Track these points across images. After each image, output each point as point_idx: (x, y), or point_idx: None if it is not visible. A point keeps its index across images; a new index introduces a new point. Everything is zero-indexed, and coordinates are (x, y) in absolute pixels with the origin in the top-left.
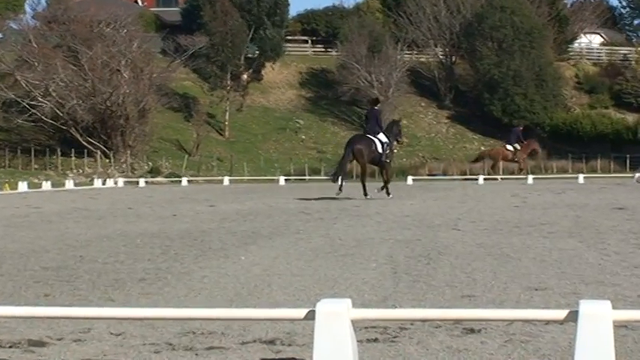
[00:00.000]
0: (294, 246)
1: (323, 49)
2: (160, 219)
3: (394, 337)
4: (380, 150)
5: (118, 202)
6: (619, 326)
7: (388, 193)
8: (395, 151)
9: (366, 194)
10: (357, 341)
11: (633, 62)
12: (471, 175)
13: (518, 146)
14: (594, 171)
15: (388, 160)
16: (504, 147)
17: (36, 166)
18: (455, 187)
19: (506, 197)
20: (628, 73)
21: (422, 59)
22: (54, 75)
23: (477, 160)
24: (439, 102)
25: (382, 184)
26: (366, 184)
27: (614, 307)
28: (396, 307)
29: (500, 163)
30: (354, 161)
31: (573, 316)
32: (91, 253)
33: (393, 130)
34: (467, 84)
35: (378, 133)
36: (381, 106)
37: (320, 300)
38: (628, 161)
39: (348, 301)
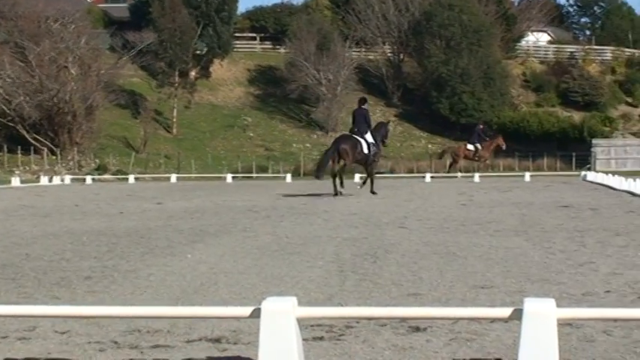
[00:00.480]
0: (241, 244)
1: (271, 47)
2: (106, 216)
3: (340, 336)
4: (366, 150)
5: (65, 200)
6: (563, 324)
7: (373, 191)
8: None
9: (336, 194)
10: (303, 339)
11: (580, 60)
12: (418, 173)
13: (479, 145)
14: (541, 169)
15: (375, 160)
16: (465, 146)
17: None
18: (402, 185)
19: (453, 195)
20: (575, 72)
21: (370, 57)
22: (1, 71)
23: (441, 156)
24: (387, 100)
25: (364, 180)
26: (341, 182)
27: (558, 306)
28: (342, 306)
29: (461, 162)
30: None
31: (518, 314)
32: (36, 251)
33: (381, 131)
34: (415, 82)
35: (366, 133)
36: (367, 106)
37: (266, 298)
38: (574, 159)
39: (294, 299)
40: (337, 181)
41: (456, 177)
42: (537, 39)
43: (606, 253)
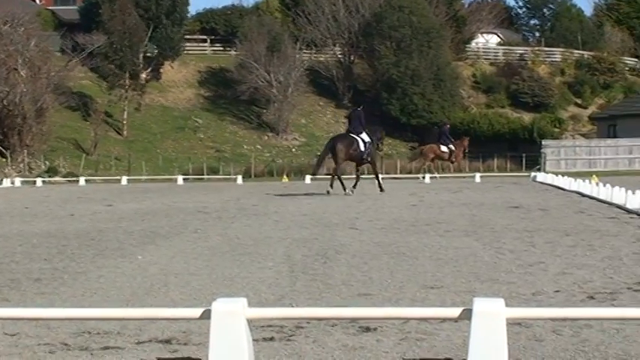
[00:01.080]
0: (192, 245)
1: (222, 49)
2: (57, 219)
3: (290, 336)
4: (362, 148)
5: (15, 202)
6: (513, 324)
7: (381, 189)
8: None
9: (344, 189)
10: (253, 340)
11: (529, 62)
12: (368, 174)
13: (452, 147)
14: (491, 170)
15: (369, 159)
16: (438, 147)
17: None
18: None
19: (404, 196)
20: (524, 73)
21: (320, 58)
22: None
23: (413, 159)
24: (337, 101)
25: (354, 182)
26: (331, 183)
27: (507, 305)
28: (292, 306)
29: (429, 162)
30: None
31: (467, 314)
32: None
33: (377, 134)
34: (365, 83)
35: (361, 133)
36: (363, 109)
37: (216, 299)
38: (524, 160)
39: (244, 300)
40: (334, 180)
41: (435, 177)
42: (487, 41)
43: (555, 253)
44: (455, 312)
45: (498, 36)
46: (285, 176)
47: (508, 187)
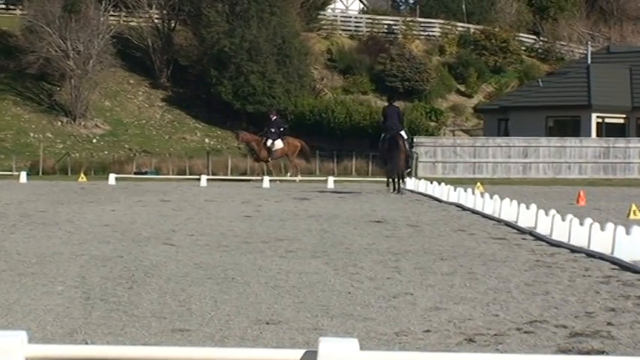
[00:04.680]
0: None
1: (4, 7)
2: None
3: None
4: (408, 147)
5: None
6: None
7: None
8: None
9: (394, 189)
10: None
11: (400, 36)
12: (191, 174)
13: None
14: (348, 173)
15: (412, 158)
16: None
17: None
18: (171, 190)
19: (236, 204)
20: (393, 50)
21: (132, 23)
22: None
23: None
24: (153, 79)
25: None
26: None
27: (363, 347)
28: (86, 343)
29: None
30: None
31: (311, 357)
32: None
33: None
34: (189, 57)
35: (401, 130)
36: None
37: None
38: None
39: (23, 334)
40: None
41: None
42: (347, 7)
43: (427, 282)
44: (296, 355)
45: (361, 2)
46: (82, 174)
47: (369, 196)
